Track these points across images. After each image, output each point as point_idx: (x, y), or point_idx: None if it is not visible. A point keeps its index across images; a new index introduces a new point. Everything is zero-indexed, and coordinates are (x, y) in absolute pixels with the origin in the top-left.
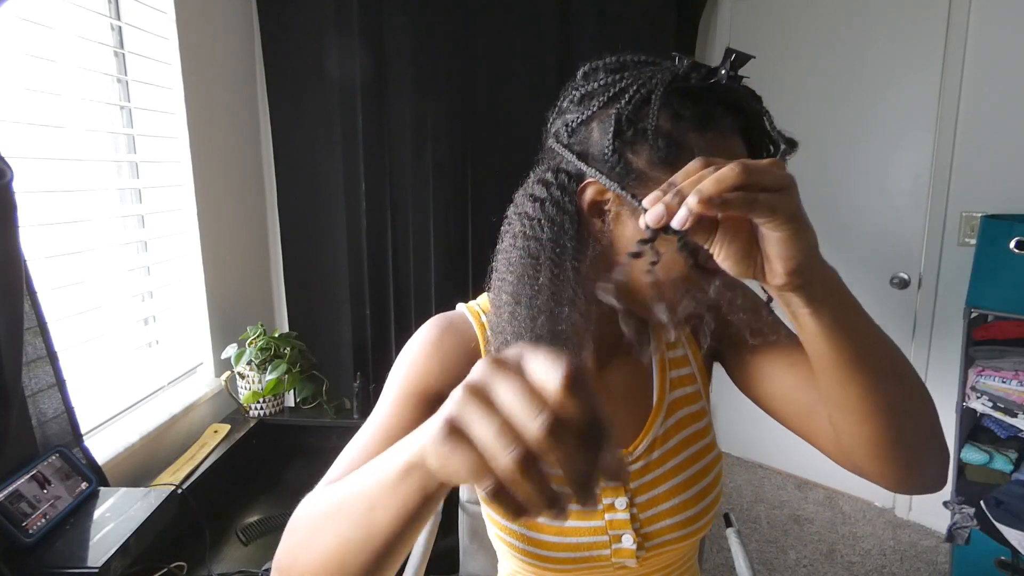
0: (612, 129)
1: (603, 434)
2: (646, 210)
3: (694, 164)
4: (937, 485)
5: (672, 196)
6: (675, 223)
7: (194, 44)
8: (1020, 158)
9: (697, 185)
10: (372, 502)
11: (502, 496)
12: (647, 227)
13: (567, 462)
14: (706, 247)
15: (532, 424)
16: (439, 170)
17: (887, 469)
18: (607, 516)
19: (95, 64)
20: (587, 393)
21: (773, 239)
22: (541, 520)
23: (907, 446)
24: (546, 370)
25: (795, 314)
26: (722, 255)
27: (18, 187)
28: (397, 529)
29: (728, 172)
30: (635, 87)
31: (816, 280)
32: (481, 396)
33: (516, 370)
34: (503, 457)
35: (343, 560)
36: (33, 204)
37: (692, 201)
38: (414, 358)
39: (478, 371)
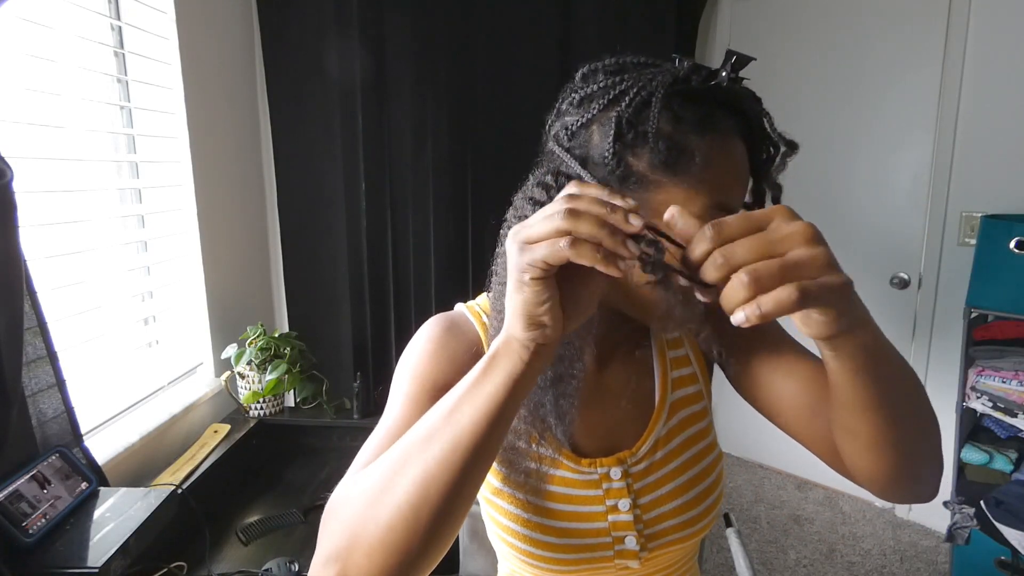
0: (612, 132)
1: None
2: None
3: (738, 224)
4: (929, 498)
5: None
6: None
7: (194, 44)
8: (1020, 158)
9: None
10: (456, 406)
11: (577, 244)
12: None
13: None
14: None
15: (559, 205)
16: (439, 170)
17: (885, 488)
18: (611, 518)
19: (95, 64)
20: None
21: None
22: (545, 520)
23: (910, 473)
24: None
25: (821, 354)
26: None
27: (18, 187)
28: (481, 431)
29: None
30: (635, 89)
31: (839, 339)
32: (524, 227)
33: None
34: (556, 222)
35: (425, 491)
36: (33, 204)
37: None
38: (421, 355)
39: (510, 235)
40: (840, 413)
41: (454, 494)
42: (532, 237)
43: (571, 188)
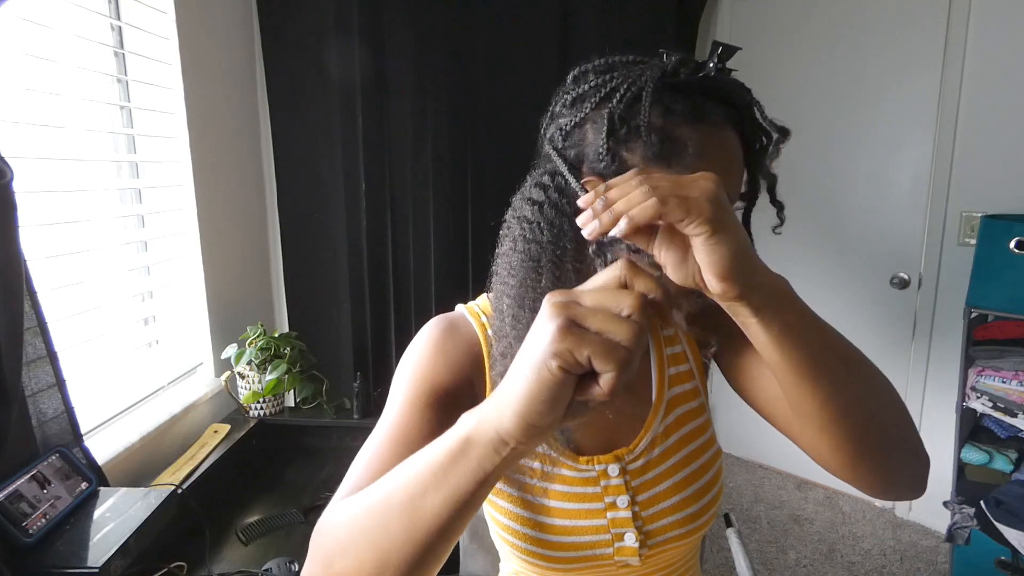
0: (605, 128)
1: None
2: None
3: (630, 177)
4: (915, 492)
5: (604, 210)
6: (615, 232)
7: (194, 44)
8: (1020, 158)
9: (628, 199)
10: (420, 487)
11: (628, 365)
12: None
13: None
14: (649, 252)
15: (628, 303)
16: (439, 170)
17: (858, 476)
18: (609, 515)
19: (95, 64)
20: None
21: (697, 245)
22: (544, 518)
23: (872, 454)
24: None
25: (743, 324)
26: (663, 260)
27: (18, 187)
28: (445, 518)
29: (642, 197)
30: (625, 85)
31: (757, 289)
32: (574, 303)
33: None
34: (624, 328)
35: (384, 558)
36: (33, 204)
37: (619, 225)
38: (419, 359)
39: (550, 301)
40: (784, 391)
41: (415, 565)
42: (585, 321)
43: (622, 268)
